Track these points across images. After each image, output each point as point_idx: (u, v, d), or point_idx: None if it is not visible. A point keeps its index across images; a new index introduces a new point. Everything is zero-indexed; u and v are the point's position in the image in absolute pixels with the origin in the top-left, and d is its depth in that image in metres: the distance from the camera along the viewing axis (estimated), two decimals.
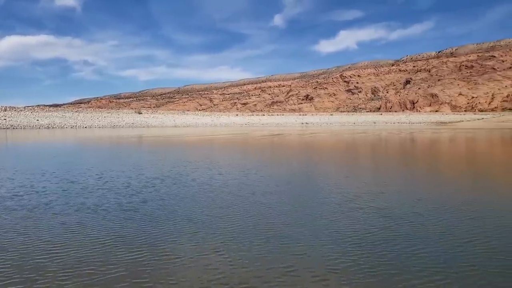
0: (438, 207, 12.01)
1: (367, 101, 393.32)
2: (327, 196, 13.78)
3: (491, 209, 11.72)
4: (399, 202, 12.66)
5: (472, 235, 9.23)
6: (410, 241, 8.87)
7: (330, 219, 10.69)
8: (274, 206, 12.22)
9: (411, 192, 14.50)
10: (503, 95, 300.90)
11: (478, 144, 42.41)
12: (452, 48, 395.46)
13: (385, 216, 10.94)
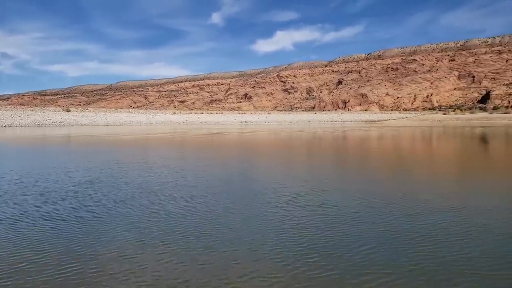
0: (373, 203, 12.48)
1: (302, 100, 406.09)
2: (270, 196, 13.72)
3: (426, 206, 12.42)
4: (338, 200, 12.97)
5: (407, 231, 9.65)
6: (350, 238, 9.04)
7: (274, 221, 10.59)
8: (215, 209, 11.85)
9: (349, 190, 14.96)
10: (423, 96, 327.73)
11: (404, 141, 45.57)
12: (379, 51, 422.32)
13: (325, 215, 11.10)
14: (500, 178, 18.41)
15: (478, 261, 7.75)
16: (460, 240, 8.93)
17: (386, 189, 15.15)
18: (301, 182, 16.75)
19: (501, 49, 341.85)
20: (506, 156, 30.23)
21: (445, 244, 8.64)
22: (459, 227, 9.91)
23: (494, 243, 8.75)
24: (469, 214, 11.15)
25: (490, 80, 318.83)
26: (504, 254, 8.09)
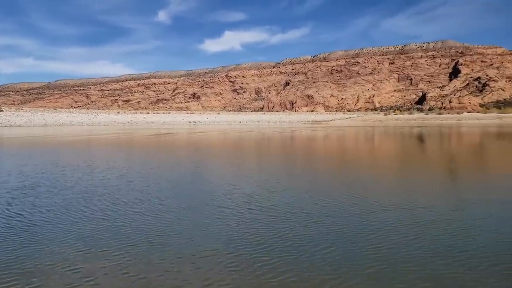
0: (325, 204, 12.71)
1: (251, 101, 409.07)
2: (223, 198, 13.49)
3: (374, 205, 12.83)
4: (291, 201, 13.05)
5: (360, 231, 9.90)
6: (305, 240, 9.09)
7: (227, 225, 10.38)
8: (165, 214, 11.41)
9: (301, 190, 15.13)
10: (366, 97, 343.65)
11: (349, 140, 47.39)
12: (324, 54, 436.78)
13: (279, 217, 11.10)
14: (438, 175, 19.64)
15: (430, 260, 8.10)
16: (412, 239, 9.29)
17: (335, 189, 15.52)
18: (253, 183, 16.69)
19: (434, 54, 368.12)
20: (441, 154, 32.41)
21: (396, 244, 8.94)
22: (409, 226, 10.34)
23: (441, 240, 9.19)
24: (415, 212, 11.69)
25: (426, 82, 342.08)
26: (453, 252, 8.52)
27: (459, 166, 24.35)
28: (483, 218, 10.84)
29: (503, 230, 9.79)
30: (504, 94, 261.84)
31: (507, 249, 8.44)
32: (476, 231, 9.66)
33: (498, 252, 8.28)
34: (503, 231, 9.67)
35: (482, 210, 11.72)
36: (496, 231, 9.70)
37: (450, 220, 10.71)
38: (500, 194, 14.21)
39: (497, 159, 28.20)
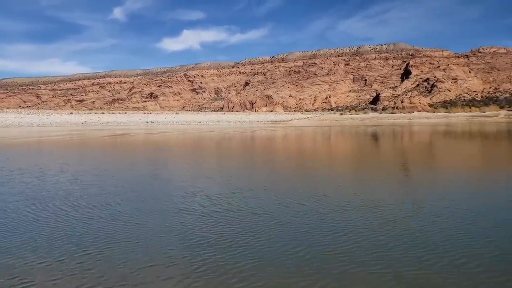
0: (289, 204, 12.77)
1: (211, 100, 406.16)
2: (185, 201, 13.18)
3: (337, 204, 13.06)
4: (255, 202, 12.99)
5: (325, 231, 10.02)
6: (272, 242, 9.07)
7: (191, 230, 10.15)
8: (123, 220, 10.96)
9: (264, 190, 15.12)
10: (323, 97, 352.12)
11: (308, 140, 48.27)
12: (283, 54, 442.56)
13: (244, 219, 11.01)
14: (394, 174, 20.41)
15: (396, 260, 8.32)
16: (377, 238, 9.51)
17: (299, 188, 15.65)
18: (216, 184, 16.48)
19: (387, 56, 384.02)
20: (396, 152, 33.76)
21: (361, 243, 9.11)
22: (371, 224, 10.60)
23: (404, 238, 9.48)
24: (376, 210, 12.01)
25: (380, 83, 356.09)
26: (418, 251, 8.82)
27: (412, 164, 25.46)
28: (440, 215, 11.35)
29: (459, 225, 10.30)
30: (450, 94, 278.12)
31: (465, 243, 8.88)
32: (436, 229, 10.07)
33: (457, 247, 8.67)
34: (459, 226, 10.18)
35: (437, 207, 12.27)
36: (454, 228, 10.18)
37: (409, 217, 11.11)
38: (451, 191, 14.98)
39: (447, 157, 29.79)
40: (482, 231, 9.66)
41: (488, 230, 9.77)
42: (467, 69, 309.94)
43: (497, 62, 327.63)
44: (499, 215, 11.10)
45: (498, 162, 25.88)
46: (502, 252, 8.26)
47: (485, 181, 17.42)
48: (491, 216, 11.01)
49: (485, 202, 12.78)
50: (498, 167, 23.04)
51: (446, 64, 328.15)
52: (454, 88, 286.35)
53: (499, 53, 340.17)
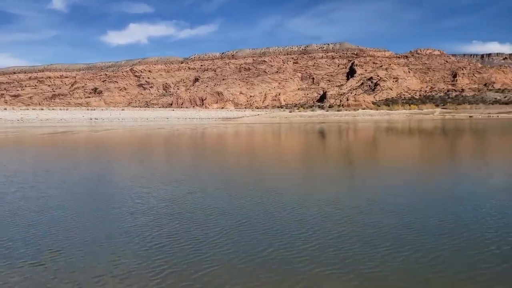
0: (244, 204, 12.76)
1: (159, 96, 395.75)
2: (132, 204, 12.70)
3: (293, 203, 13.23)
4: (210, 203, 12.83)
5: (286, 231, 10.12)
6: (229, 246, 9.01)
7: (138, 234, 9.80)
8: (64, 224, 10.34)
9: (218, 191, 14.98)
10: (272, 95, 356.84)
11: (260, 136, 48.69)
12: (233, 51, 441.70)
13: (198, 223, 10.84)
14: (344, 169, 21.15)
15: (352, 260, 8.58)
16: (334, 237, 9.75)
17: (254, 187, 15.69)
18: (168, 185, 16.05)
19: (334, 55, 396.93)
20: (343, 148, 35.03)
21: (317, 242, 9.30)
22: (328, 222, 10.87)
23: (360, 235, 9.80)
24: (325, 207, 12.34)
25: (326, 82, 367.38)
26: (377, 251, 9.15)
27: (361, 160, 26.54)
28: (389, 210, 11.90)
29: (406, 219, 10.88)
30: (391, 93, 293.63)
31: (418, 238, 9.38)
32: (388, 221, 10.54)
33: (406, 240, 9.14)
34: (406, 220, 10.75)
35: (385, 201, 12.87)
36: (406, 222, 10.71)
37: (354, 214, 11.55)
38: (400, 186, 15.81)
39: (393, 152, 31.41)
40: (432, 226, 10.26)
41: (439, 222, 10.40)
42: (406, 69, 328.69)
43: (433, 63, 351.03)
44: (445, 209, 11.86)
45: (438, 157, 27.74)
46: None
47: (429, 176, 18.58)
48: (439, 210, 11.74)
49: (430, 196, 13.62)
50: (438, 161, 24.71)
51: (388, 64, 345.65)
52: (395, 87, 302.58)
53: (434, 54, 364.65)
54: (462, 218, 10.70)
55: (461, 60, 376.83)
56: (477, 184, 15.89)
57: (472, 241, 8.89)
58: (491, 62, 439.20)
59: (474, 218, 10.66)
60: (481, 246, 8.49)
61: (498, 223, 10.18)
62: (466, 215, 11.03)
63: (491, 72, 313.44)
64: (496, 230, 9.62)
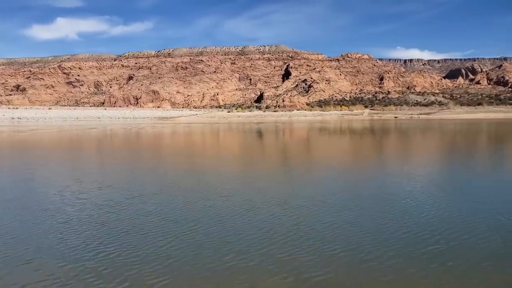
0: (192, 207, 13.04)
1: (90, 95, 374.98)
2: (64, 210, 12.42)
3: (246, 203, 13.75)
4: (153, 208, 12.93)
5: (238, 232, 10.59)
6: (180, 250, 9.29)
7: (69, 246, 9.73)
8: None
9: (160, 195, 15.06)
10: (210, 95, 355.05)
11: (200, 136, 48.62)
12: (169, 49, 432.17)
13: (135, 228, 10.94)
14: (282, 168, 22.16)
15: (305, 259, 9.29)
16: (297, 237, 10.43)
17: (199, 189, 15.97)
18: (105, 189, 15.78)
19: (270, 57, 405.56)
20: (280, 148, 36.37)
21: (275, 243, 9.92)
22: (281, 221, 11.56)
23: (323, 234, 10.58)
24: (286, 207, 13.08)
25: (263, 83, 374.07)
26: (330, 252, 9.95)
27: (298, 159, 27.87)
28: (328, 207, 12.93)
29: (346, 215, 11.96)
30: (324, 94, 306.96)
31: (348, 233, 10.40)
32: (332, 220, 11.50)
33: (345, 235, 10.12)
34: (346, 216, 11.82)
35: (323, 200, 13.94)
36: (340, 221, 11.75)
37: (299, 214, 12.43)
38: (337, 183, 17.06)
39: (328, 151, 33.28)
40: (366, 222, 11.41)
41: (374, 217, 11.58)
42: (338, 72, 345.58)
43: (362, 67, 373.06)
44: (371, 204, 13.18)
45: (369, 155, 30.02)
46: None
47: (363, 173, 20.21)
48: (372, 207, 13.00)
49: (361, 192, 14.98)
50: (369, 159, 26.79)
51: (321, 66, 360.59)
52: (327, 88, 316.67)
53: (363, 59, 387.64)
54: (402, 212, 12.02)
55: (387, 65, 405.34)
56: (406, 180, 17.68)
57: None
58: (412, 67, 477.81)
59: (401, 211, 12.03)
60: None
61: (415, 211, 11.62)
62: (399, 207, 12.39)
63: (413, 76, 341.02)
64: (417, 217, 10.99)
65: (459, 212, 11.50)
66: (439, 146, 35.96)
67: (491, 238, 9.16)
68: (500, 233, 9.49)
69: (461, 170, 20.47)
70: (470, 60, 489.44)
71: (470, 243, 8.86)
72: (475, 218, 10.79)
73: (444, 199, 13.19)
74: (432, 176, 18.61)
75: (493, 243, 8.83)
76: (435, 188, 15.30)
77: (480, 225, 10.16)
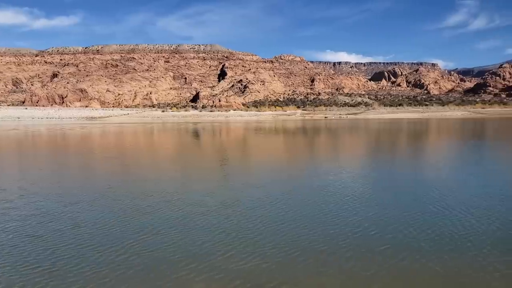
0: (119, 212, 13.01)
1: (8, 93, 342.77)
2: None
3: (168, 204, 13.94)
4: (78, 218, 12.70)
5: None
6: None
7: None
8: None
9: (82, 202, 14.76)
10: (143, 94, 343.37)
11: (131, 137, 47.18)
12: (98, 46, 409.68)
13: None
14: (222, 167, 22.62)
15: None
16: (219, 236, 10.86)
17: (126, 195, 15.88)
18: (34, 198, 15.09)
19: (205, 56, 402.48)
20: (217, 147, 36.80)
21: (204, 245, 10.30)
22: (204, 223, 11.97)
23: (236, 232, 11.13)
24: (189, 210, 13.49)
25: (199, 82, 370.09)
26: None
27: (237, 157, 28.51)
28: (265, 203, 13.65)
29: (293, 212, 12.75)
30: (259, 95, 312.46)
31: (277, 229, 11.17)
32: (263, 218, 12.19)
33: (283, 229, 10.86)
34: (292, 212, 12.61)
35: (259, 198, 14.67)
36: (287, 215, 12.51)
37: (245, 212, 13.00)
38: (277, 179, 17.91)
39: (266, 149, 34.34)
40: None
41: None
42: (272, 73, 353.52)
43: (294, 69, 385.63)
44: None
45: (302, 152, 31.57)
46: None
47: (297, 169, 21.34)
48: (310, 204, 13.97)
49: (293, 187, 15.98)
50: (302, 156, 28.25)
51: (256, 67, 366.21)
52: (262, 89, 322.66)
53: (296, 61, 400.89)
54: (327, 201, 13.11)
55: (317, 67, 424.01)
56: (337, 174, 19.13)
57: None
58: (341, 69, 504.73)
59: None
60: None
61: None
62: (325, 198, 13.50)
63: (341, 79, 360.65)
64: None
65: (379, 200, 12.95)
66: (364, 143, 38.93)
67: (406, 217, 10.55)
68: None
69: (383, 163, 22.62)
70: (392, 64, 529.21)
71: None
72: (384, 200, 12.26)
73: (369, 189, 14.69)
74: (358, 169, 20.36)
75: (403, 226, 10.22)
76: (361, 180, 16.89)
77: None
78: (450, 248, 8.67)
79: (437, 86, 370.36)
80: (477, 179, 17.37)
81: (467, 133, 52.72)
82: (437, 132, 55.95)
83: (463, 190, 14.77)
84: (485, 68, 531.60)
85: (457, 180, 17.31)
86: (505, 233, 9.76)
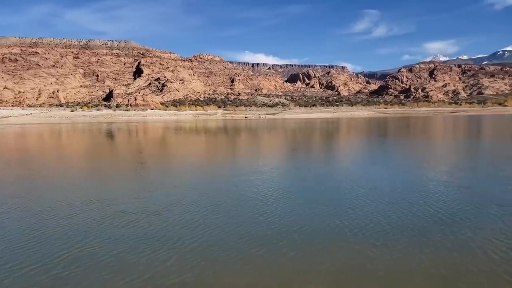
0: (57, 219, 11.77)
1: None
2: None
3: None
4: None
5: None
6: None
7: None
8: None
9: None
10: (49, 92, 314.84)
11: (36, 139, 42.99)
12: None
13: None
14: (144, 169, 21.64)
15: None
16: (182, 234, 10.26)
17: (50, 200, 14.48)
18: None
19: (119, 53, 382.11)
20: (134, 149, 35.21)
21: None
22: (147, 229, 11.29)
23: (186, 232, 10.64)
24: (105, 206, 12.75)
25: (112, 80, 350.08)
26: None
27: (157, 159, 27.51)
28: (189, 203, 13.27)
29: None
30: (178, 94, 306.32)
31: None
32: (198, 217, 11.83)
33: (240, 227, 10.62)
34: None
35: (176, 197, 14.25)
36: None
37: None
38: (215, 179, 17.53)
39: (190, 150, 33.60)
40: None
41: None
42: (191, 72, 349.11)
43: (214, 69, 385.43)
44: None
45: (226, 152, 31.56)
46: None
47: (217, 169, 21.23)
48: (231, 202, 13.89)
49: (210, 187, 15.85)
50: (225, 156, 28.22)
51: (174, 66, 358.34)
52: (182, 88, 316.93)
53: (215, 60, 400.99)
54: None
55: (237, 67, 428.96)
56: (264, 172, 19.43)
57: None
58: (259, 70, 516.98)
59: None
60: None
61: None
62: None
63: (260, 79, 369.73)
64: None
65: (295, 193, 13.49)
66: (282, 142, 40.38)
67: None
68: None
69: (301, 160, 23.66)
70: (306, 67, 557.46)
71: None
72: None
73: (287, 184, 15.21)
74: (278, 167, 21.02)
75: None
76: (279, 177, 17.45)
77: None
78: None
79: (346, 87, 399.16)
80: (375, 175, 19.08)
81: (373, 131, 57.69)
82: (347, 131, 60.34)
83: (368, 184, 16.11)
84: (387, 72, 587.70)
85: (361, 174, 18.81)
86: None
